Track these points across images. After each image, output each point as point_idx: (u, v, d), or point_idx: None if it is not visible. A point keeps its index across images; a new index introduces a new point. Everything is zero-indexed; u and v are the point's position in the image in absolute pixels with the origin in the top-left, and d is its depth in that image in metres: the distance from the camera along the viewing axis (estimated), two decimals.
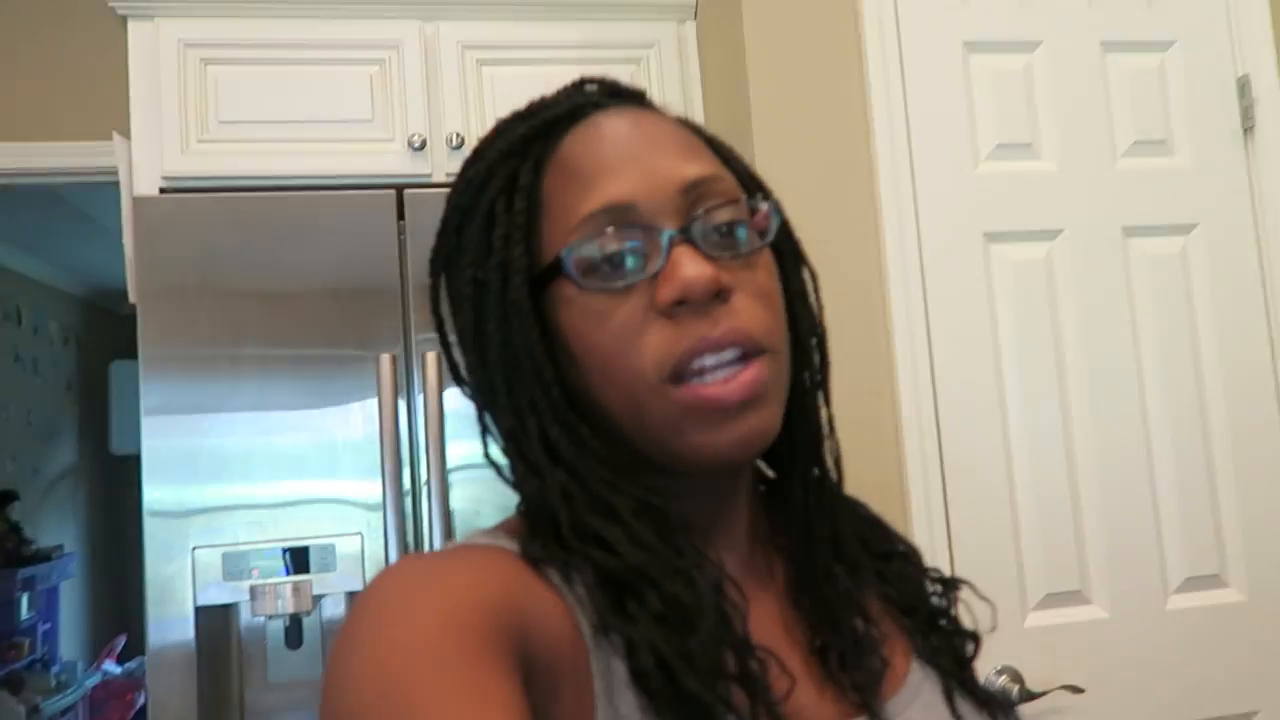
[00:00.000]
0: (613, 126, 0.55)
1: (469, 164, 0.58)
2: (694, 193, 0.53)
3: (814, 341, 0.61)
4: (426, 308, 0.60)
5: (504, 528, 0.56)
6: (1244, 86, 1.74)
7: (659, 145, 0.54)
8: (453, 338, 0.59)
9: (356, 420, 1.63)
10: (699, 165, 0.55)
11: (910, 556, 0.67)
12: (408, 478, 1.63)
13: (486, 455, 0.58)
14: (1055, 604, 1.57)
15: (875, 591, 0.62)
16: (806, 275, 0.62)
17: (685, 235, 0.52)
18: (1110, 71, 1.72)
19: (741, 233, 0.54)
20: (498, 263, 0.54)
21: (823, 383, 0.62)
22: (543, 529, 0.53)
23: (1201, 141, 1.73)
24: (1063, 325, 1.64)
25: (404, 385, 1.63)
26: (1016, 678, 1.49)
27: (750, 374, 0.51)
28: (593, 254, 0.52)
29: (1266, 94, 1.73)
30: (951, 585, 0.66)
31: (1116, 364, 1.65)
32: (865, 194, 1.63)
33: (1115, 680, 1.55)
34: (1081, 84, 1.71)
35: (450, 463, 1.62)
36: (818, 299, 0.63)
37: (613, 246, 0.52)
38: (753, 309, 0.53)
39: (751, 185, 0.61)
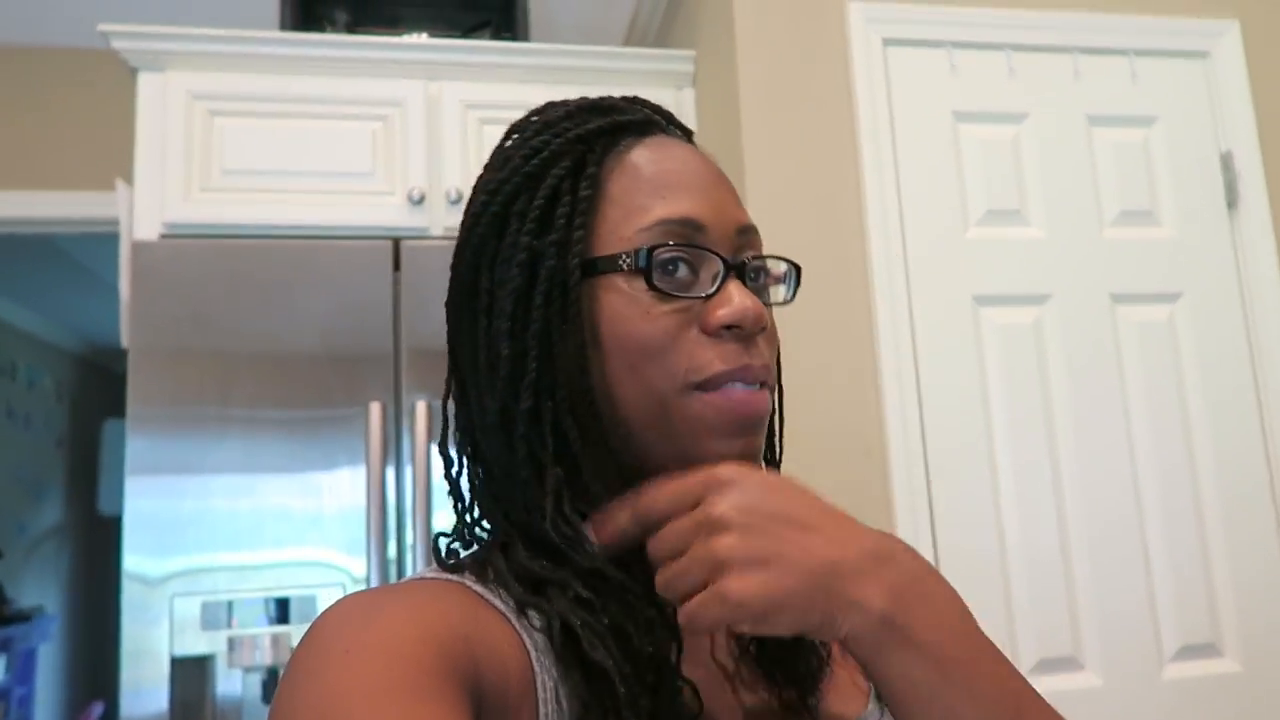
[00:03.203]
0: (682, 152, 0.60)
1: (536, 132, 0.60)
2: (745, 237, 0.59)
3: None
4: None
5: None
6: (1227, 162, 1.79)
7: (722, 185, 0.60)
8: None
9: (344, 481, 1.61)
10: (748, 215, 0.61)
11: None
12: (393, 547, 1.61)
13: (442, 446, 0.60)
14: (1048, 670, 1.54)
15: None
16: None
17: (740, 269, 0.57)
18: (1096, 144, 1.77)
19: (772, 285, 0.61)
20: (556, 240, 0.55)
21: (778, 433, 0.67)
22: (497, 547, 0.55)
23: (1187, 213, 1.77)
24: (1052, 388, 1.65)
25: (393, 437, 1.62)
26: None
27: (764, 397, 0.56)
28: (666, 256, 0.55)
29: (1248, 170, 1.78)
30: None
31: (1106, 428, 1.65)
32: (857, 258, 1.65)
33: None
34: (1068, 155, 1.75)
35: (437, 525, 1.60)
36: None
37: (681, 255, 0.56)
38: (769, 350, 0.58)
39: None
